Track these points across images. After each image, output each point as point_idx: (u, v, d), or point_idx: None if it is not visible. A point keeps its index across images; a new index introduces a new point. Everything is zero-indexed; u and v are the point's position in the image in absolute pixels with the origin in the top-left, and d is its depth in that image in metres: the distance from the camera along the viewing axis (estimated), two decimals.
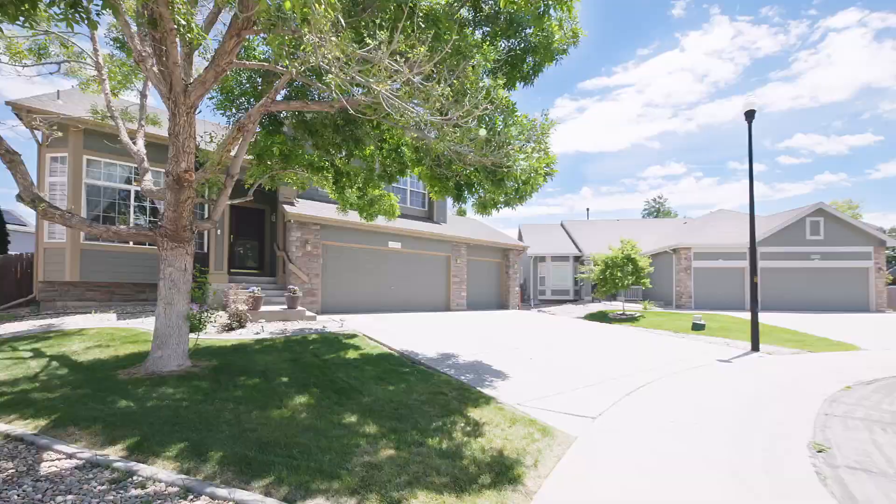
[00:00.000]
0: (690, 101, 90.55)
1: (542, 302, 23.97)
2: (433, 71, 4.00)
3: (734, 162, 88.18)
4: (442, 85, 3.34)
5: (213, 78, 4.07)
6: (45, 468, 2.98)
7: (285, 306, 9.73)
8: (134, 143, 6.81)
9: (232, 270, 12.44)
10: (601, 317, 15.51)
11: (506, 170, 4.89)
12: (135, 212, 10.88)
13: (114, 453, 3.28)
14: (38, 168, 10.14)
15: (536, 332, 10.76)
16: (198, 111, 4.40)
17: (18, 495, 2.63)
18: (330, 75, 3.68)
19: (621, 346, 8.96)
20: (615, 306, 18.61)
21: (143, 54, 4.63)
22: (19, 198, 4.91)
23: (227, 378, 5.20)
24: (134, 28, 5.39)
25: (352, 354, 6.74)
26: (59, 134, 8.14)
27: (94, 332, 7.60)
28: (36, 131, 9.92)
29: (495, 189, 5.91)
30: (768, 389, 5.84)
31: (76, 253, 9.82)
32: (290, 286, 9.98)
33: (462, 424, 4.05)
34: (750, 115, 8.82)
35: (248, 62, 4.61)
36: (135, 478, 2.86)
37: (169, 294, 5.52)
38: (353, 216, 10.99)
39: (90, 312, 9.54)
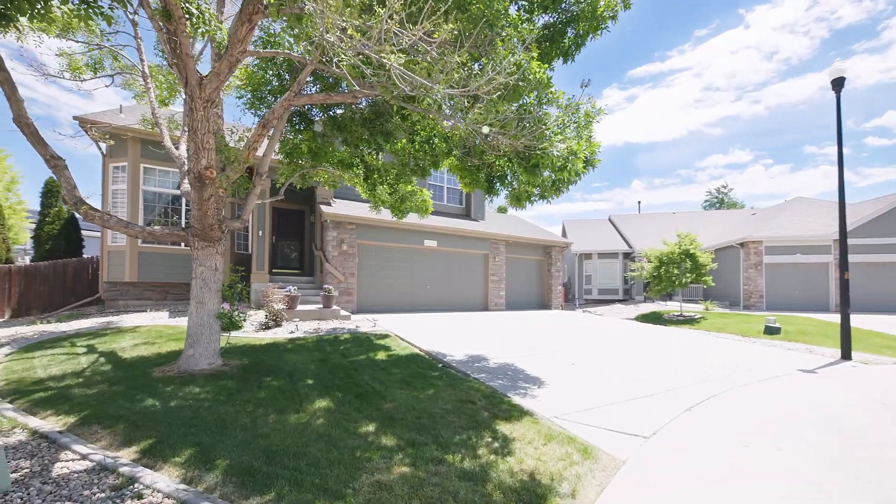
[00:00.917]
0: (757, 82, 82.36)
1: (588, 302, 22.67)
2: (453, 42, 3.57)
3: (810, 146, 79.09)
4: (459, 51, 2.90)
5: (228, 68, 3.95)
6: (57, 469, 2.94)
7: (321, 305, 9.76)
8: (177, 149, 7.03)
9: (274, 270, 12.82)
10: (655, 318, 14.24)
11: (539, 152, 4.35)
12: (186, 215, 11.47)
13: (127, 455, 3.20)
14: (102, 177, 10.97)
15: (580, 334, 9.98)
16: (215, 105, 4.31)
17: (21, 498, 2.57)
18: (341, 54, 3.39)
19: (679, 352, 8.00)
20: (671, 307, 17.08)
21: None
22: (63, 200, 5.13)
23: (254, 378, 5.12)
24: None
25: (381, 355, 6.50)
26: (112, 142, 8.66)
27: (145, 330, 8.00)
28: (101, 143, 10.76)
29: (529, 178, 5.37)
30: (868, 407, 4.80)
31: (134, 255, 10.51)
32: (326, 286, 10.02)
33: (489, 439, 3.60)
34: (838, 83, 7.51)
35: (262, 51, 4.47)
36: (135, 486, 2.72)
37: (200, 293, 5.57)
38: (388, 215, 10.84)
39: (146, 311, 10.16)
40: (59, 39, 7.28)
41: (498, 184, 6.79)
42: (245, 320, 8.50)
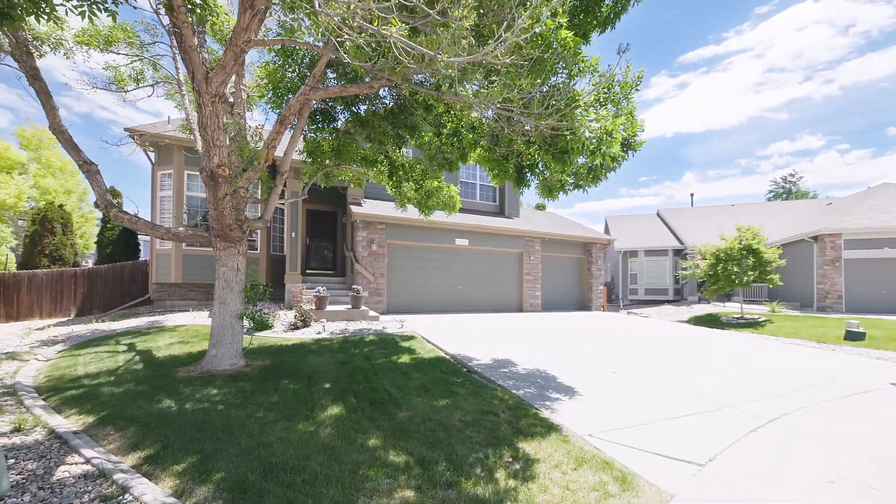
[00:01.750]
0: (830, 59, 73.89)
1: (634, 303, 21.23)
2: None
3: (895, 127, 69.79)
4: (467, 12, 2.48)
5: (233, 60, 3.82)
6: (59, 474, 2.88)
7: (350, 306, 9.69)
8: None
9: (308, 271, 13.02)
10: (711, 321, 12.93)
11: (568, 135, 3.83)
12: None
13: (130, 460, 3.11)
14: (151, 184, 11.62)
15: (622, 337, 9.16)
16: (221, 99, 4.20)
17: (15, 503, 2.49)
18: (344, 34, 3.11)
19: (740, 360, 7.05)
20: (730, 308, 15.51)
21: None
22: (96, 204, 5.30)
23: (272, 380, 5.01)
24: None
25: (404, 358, 6.21)
26: (151, 149, 9.06)
27: (184, 329, 8.27)
28: (150, 153, 11.37)
29: (559, 166, 4.84)
30: None
31: (179, 258, 11.03)
32: (354, 286, 9.94)
33: (509, 459, 3.16)
34: None
35: (267, 39, 4.32)
36: (125, 496, 2.58)
37: (223, 294, 5.56)
38: (418, 214, 10.60)
39: (188, 310, 10.61)
40: (103, 54, 7.68)
41: (528, 173, 6.31)
42: (275, 320, 8.58)
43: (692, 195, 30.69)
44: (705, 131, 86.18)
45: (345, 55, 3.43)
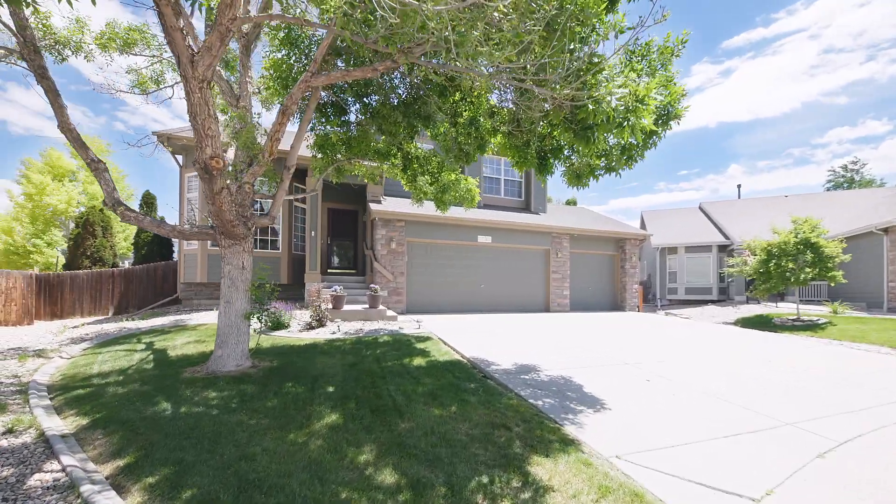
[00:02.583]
0: None
1: (673, 303, 19.87)
2: None
3: None
4: None
5: (219, 41, 3.57)
6: (31, 483, 2.70)
7: (367, 305, 9.45)
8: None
9: (329, 270, 12.94)
10: (761, 323, 11.73)
11: (590, 104, 3.30)
12: None
13: (108, 469, 2.91)
14: (179, 186, 11.93)
15: (659, 341, 8.37)
16: (209, 85, 3.98)
17: None
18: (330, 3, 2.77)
19: (799, 368, 6.17)
20: (783, 309, 14.09)
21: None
22: (104, 203, 5.28)
23: (275, 383, 4.77)
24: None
25: (417, 361, 5.84)
26: (171, 149, 9.18)
27: (204, 328, 8.31)
28: (177, 156, 11.64)
29: (583, 146, 4.28)
30: None
31: (204, 258, 11.22)
32: (372, 285, 9.69)
33: (518, 485, 2.69)
34: None
35: (254, 16, 4.05)
36: None
37: (228, 293, 5.40)
38: (440, 211, 10.23)
39: (212, 309, 10.76)
40: (123, 56, 7.82)
41: (552, 159, 5.78)
42: (291, 320, 8.46)
43: (739, 187, 28.45)
44: (753, 120, 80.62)
45: (334, 28, 3.08)
